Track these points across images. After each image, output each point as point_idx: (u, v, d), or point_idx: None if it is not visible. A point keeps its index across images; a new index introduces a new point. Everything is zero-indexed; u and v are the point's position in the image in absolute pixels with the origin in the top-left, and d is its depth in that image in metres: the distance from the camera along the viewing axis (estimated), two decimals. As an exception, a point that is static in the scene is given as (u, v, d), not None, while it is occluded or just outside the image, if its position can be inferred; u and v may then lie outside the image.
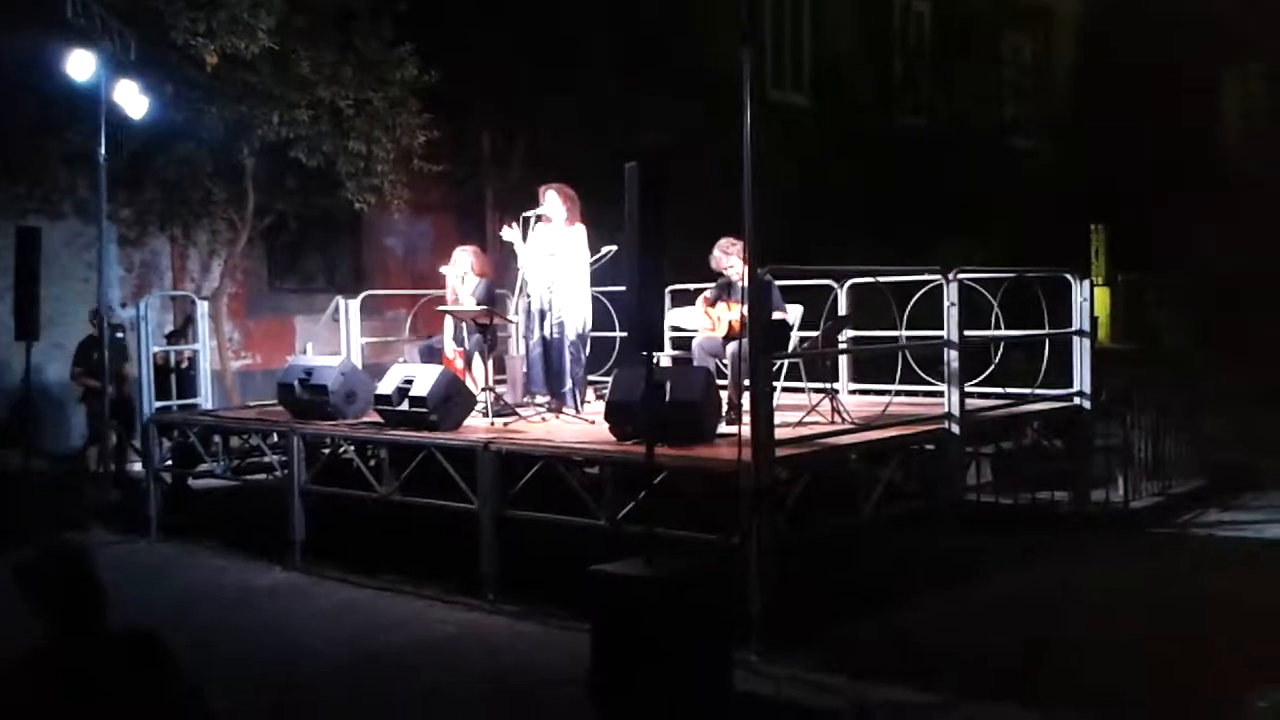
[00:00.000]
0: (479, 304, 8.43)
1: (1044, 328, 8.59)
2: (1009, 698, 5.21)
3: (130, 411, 9.94)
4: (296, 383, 8.24)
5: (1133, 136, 17.69)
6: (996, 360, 8.41)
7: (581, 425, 7.75)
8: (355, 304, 9.78)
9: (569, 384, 8.22)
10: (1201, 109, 19.63)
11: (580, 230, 8.28)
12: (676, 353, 9.37)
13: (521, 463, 6.78)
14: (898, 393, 8.13)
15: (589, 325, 8.44)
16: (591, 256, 8.34)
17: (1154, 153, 17.44)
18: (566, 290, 8.23)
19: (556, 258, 8.23)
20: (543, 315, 8.28)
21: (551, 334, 8.25)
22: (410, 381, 7.54)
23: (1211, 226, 16.17)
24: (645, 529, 5.49)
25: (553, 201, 8.26)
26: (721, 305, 7.98)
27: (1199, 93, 19.42)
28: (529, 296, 8.49)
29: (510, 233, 8.42)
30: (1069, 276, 8.47)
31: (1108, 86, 18.58)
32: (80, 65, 9.40)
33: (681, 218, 6.17)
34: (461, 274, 8.72)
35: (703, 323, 8.06)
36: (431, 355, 8.87)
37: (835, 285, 9.13)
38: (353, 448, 8.03)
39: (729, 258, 7.80)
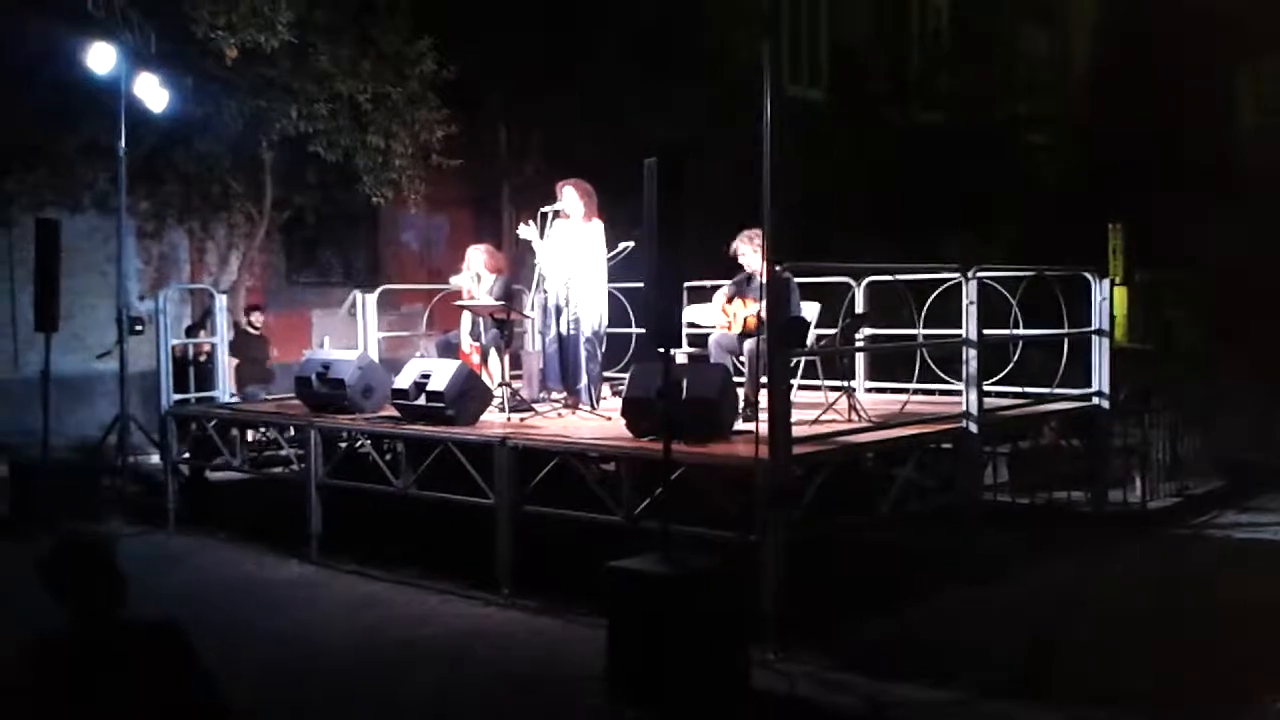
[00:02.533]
0: (498, 300, 8.44)
1: (1063, 327, 8.55)
2: (1024, 697, 5.20)
3: None
4: (314, 376, 8.27)
5: (1148, 133, 17.59)
6: (1015, 359, 8.38)
7: (598, 421, 7.76)
8: (372, 298, 9.80)
9: (584, 380, 8.23)
10: (1216, 106, 19.50)
11: (597, 226, 8.28)
12: (693, 349, 9.36)
13: (538, 458, 6.78)
14: (915, 391, 8.11)
15: (605, 321, 8.44)
16: (608, 252, 8.33)
17: (1169, 150, 17.34)
18: (583, 286, 8.23)
19: (573, 253, 8.22)
20: (559, 311, 8.28)
21: (568, 330, 8.25)
22: (427, 376, 7.55)
23: (1227, 224, 16.07)
24: (662, 525, 5.49)
25: (570, 197, 8.25)
26: (738, 302, 7.96)
27: (1214, 89, 19.29)
28: (545, 292, 8.50)
29: (527, 230, 8.41)
30: (1089, 275, 8.43)
31: (1123, 83, 18.48)
32: (101, 58, 9.44)
33: (698, 213, 6.17)
34: (475, 274, 8.73)
35: (719, 320, 8.05)
36: (448, 350, 8.89)
37: (852, 283, 9.10)
38: (369, 442, 8.04)
39: (746, 245, 7.73)
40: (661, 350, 5.79)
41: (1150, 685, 5.32)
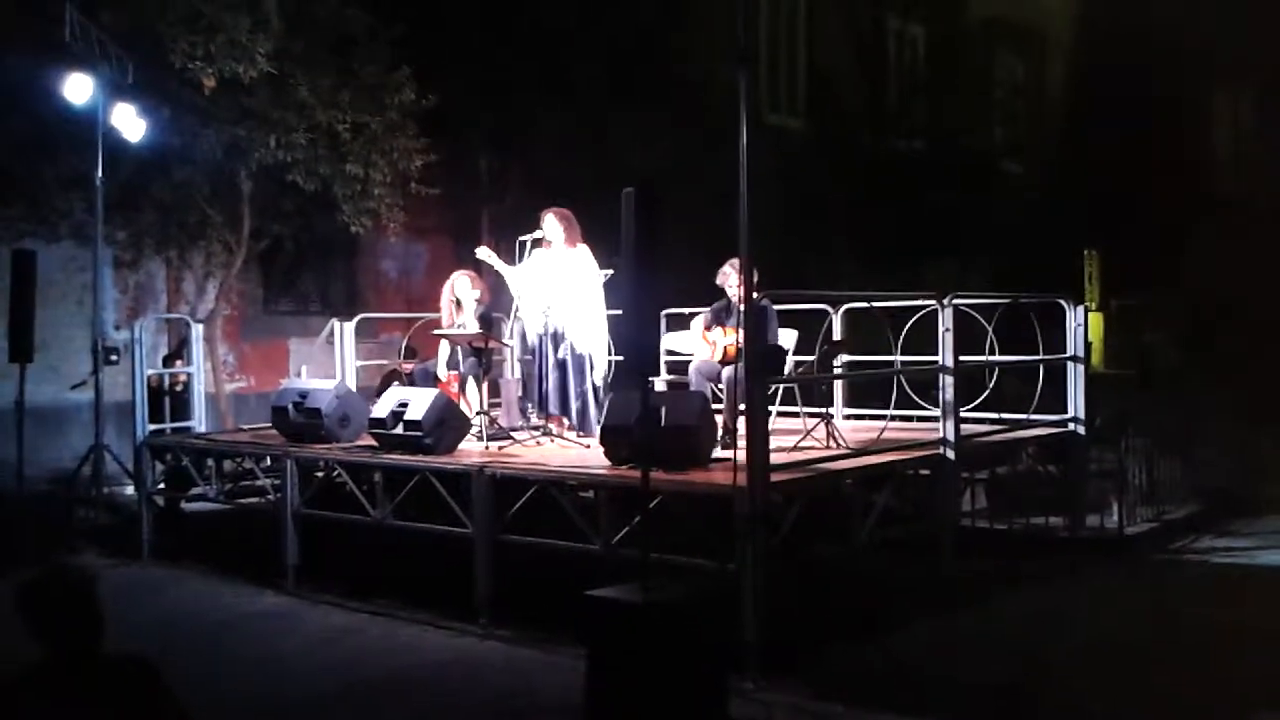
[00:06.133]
0: (480, 326, 8.44)
1: (1038, 353, 8.60)
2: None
3: None
4: (290, 406, 8.23)
5: (1124, 160, 17.79)
6: (991, 385, 8.42)
7: (576, 449, 7.75)
8: (350, 327, 9.77)
9: (577, 405, 8.20)
10: (1193, 131, 19.75)
11: (584, 251, 8.29)
12: (671, 377, 9.38)
13: (516, 487, 6.76)
14: (893, 417, 8.14)
15: (603, 346, 8.39)
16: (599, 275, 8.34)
17: (1145, 176, 17.53)
18: (574, 312, 8.22)
19: (559, 281, 8.23)
20: (556, 339, 8.26)
21: (566, 356, 8.23)
22: (405, 405, 7.53)
23: (1202, 250, 16.23)
24: (640, 554, 5.47)
25: (551, 224, 8.28)
26: (718, 330, 7.98)
27: (1190, 115, 19.54)
28: (521, 320, 8.51)
29: (485, 252, 8.46)
30: (1063, 302, 8.49)
31: (1099, 110, 18.69)
32: (78, 88, 9.43)
33: (677, 242, 6.19)
34: (460, 298, 8.73)
35: (700, 347, 8.06)
36: (426, 379, 8.87)
37: (830, 310, 9.15)
38: (346, 472, 8.00)
39: (734, 273, 7.75)
40: (640, 377, 5.79)
41: (1130, 711, 5.33)
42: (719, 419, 7.23)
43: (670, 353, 9.21)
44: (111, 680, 3.01)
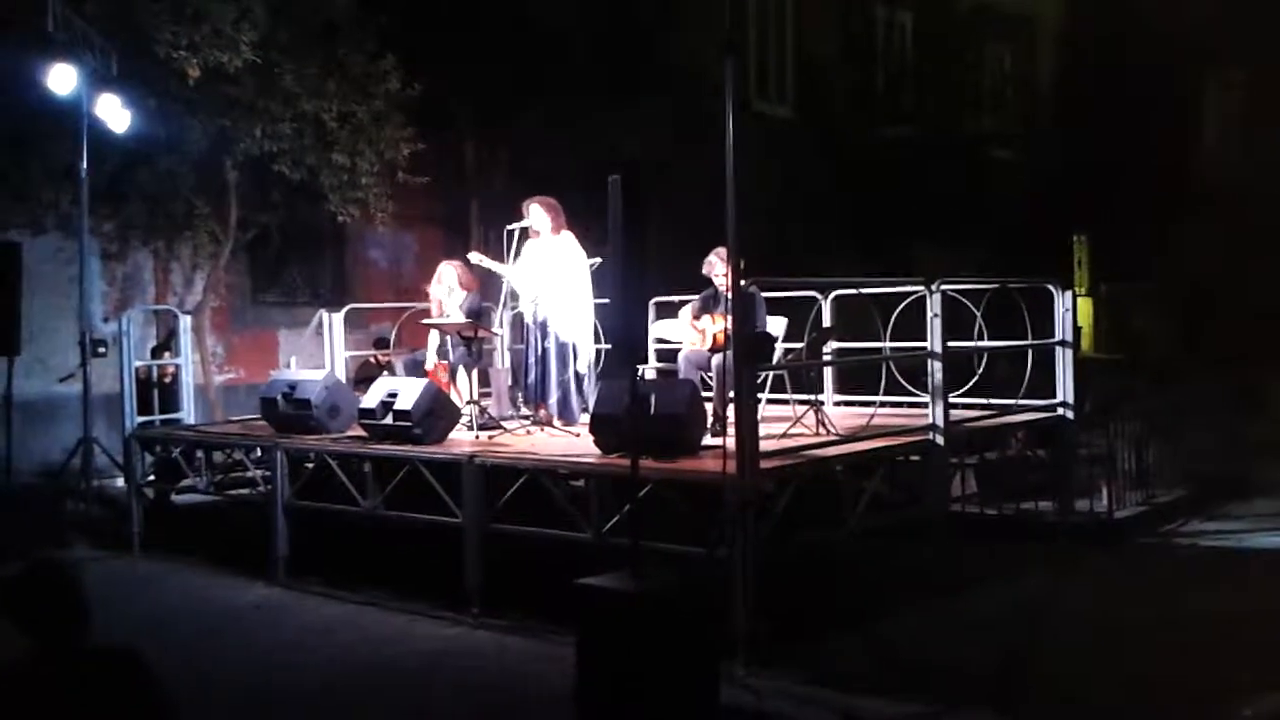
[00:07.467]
0: (466, 317, 8.41)
1: (1027, 338, 8.62)
2: (994, 709, 5.21)
3: None
4: (280, 397, 8.21)
5: (1113, 145, 17.80)
6: (980, 371, 8.43)
7: (567, 438, 7.74)
8: (339, 317, 9.74)
9: (557, 394, 8.19)
10: (1181, 117, 19.78)
11: (568, 238, 8.28)
12: (661, 365, 9.37)
13: (506, 476, 6.76)
14: (882, 404, 8.15)
15: (588, 334, 8.37)
16: (586, 261, 8.32)
17: (1134, 161, 17.55)
18: (563, 300, 8.20)
19: (549, 269, 8.21)
20: (543, 328, 8.24)
21: (550, 345, 8.21)
22: (394, 395, 7.51)
23: (1192, 234, 16.27)
24: (631, 542, 5.47)
25: (537, 214, 8.27)
26: (706, 318, 7.98)
27: (1178, 101, 19.57)
28: (513, 309, 8.49)
29: (478, 256, 8.47)
30: (1051, 287, 8.50)
31: (1088, 95, 18.70)
32: (62, 79, 9.36)
33: (666, 230, 6.19)
34: (447, 288, 8.71)
35: (689, 336, 8.06)
36: (416, 368, 8.85)
37: (819, 296, 9.14)
38: (336, 462, 7.98)
39: (721, 262, 7.76)
40: (629, 366, 5.78)
41: (1119, 694, 5.35)
42: (709, 407, 7.22)
43: (660, 341, 9.20)
44: (97, 673, 3.01)
